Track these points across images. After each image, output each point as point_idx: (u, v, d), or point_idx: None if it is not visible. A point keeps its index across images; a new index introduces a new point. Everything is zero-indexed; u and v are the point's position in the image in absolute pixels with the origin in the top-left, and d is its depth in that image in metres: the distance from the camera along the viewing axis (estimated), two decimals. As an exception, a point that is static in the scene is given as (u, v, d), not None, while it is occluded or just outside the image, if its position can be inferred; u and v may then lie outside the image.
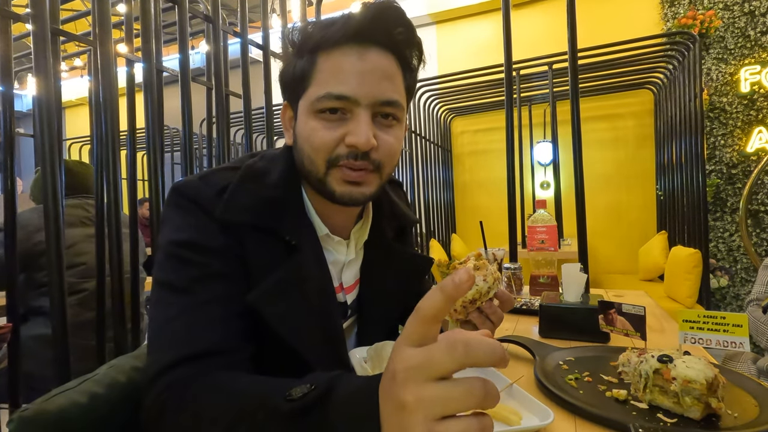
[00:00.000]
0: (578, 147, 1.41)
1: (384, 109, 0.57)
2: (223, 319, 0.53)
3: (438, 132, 4.36)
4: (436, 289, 0.30)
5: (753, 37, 3.42)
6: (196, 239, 0.55)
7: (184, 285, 0.53)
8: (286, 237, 0.59)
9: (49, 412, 0.49)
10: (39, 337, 1.47)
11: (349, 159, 0.56)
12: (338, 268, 0.68)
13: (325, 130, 0.57)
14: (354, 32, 0.55)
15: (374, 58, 0.56)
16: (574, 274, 0.95)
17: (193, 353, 0.49)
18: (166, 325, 0.52)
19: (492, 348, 0.30)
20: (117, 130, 1.31)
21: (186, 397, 0.46)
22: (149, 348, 0.53)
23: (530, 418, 0.53)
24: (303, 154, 0.60)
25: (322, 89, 0.56)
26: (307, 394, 0.38)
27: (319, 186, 0.60)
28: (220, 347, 0.51)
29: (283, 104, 0.65)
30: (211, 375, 0.48)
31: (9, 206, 1.15)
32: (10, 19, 1.16)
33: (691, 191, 2.95)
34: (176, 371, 0.48)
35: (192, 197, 0.57)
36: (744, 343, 0.61)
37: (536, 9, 4.20)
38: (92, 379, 0.57)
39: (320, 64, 0.57)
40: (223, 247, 0.56)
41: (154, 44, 1.41)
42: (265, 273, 0.56)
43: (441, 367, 0.29)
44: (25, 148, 6.00)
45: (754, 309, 1.61)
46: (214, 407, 0.44)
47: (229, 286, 0.55)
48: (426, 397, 0.29)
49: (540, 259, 1.26)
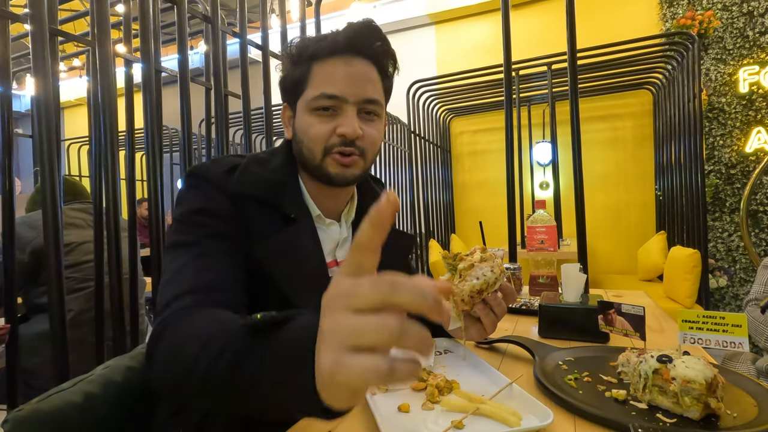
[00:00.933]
0: (577, 147, 1.41)
1: (367, 107, 0.71)
2: (227, 267, 0.62)
3: (437, 132, 4.36)
4: (365, 219, 0.31)
5: (752, 38, 3.42)
6: (206, 206, 0.66)
7: (192, 240, 0.63)
8: (286, 211, 0.70)
9: (44, 412, 0.49)
10: (42, 334, 1.48)
11: (341, 146, 0.69)
12: (333, 245, 0.77)
13: (320, 123, 0.70)
14: (342, 45, 0.69)
15: (358, 65, 0.70)
16: (574, 274, 0.95)
17: (196, 286, 0.58)
18: (176, 271, 0.61)
19: (421, 291, 0.28)
20: (116, 131, 1.31)
21: (183, 321, 0.53)
22: (161, 290, 0.60)
23: (530, 419, 0.53)
24: (302, 144, 0.72)
25: (317, 90, 0.69)
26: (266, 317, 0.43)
27: (316, 171, 0.72)
28: (220, 284, 0.60)
29: (283, 105, 0.78)
30: (206, 308, 0.55)
31: (7, 206, 1.15)
32: (9, 20, 1.16)
33: (690, 191, 2.95)
34: (180, 301, 0.56)
35: (203, 176, 0.69)
36: (743, 343, 0.61)
37: (536, 9, 4.20)
38: (87, 380, 0.57)
39: (315, 70, 0.70)
40: (229, 214, 0.66)
41: (153, 44, 1.41)
42: (264, 234, 0.66)
43: (362, 300, 0.29)
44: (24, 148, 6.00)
45: (753, 309, 1.61)
46: (199, 329, 0.50)
47: (233, 245, 0.65)
48: (339, 324, 0.30)
49: (539, 260, 1.25)
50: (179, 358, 0.49)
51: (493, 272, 0.64)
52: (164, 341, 0.53)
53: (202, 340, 0.48)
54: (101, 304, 1.36)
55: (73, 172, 5.72)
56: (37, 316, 1.59)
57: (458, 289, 0.63)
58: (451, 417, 0.54)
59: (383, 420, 0.53)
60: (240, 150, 4.98)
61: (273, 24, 3.48)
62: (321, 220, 0.76)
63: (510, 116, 1.59)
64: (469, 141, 4.65)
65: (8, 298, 1.16)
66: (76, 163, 5.69)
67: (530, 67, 3.44)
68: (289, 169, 0.75)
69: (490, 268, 0.64)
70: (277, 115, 3.91)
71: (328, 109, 0.69)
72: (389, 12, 4.61)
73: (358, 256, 0.31)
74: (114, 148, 1.30)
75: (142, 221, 4.12)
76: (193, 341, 0.49)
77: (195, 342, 0.49)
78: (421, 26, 4.69)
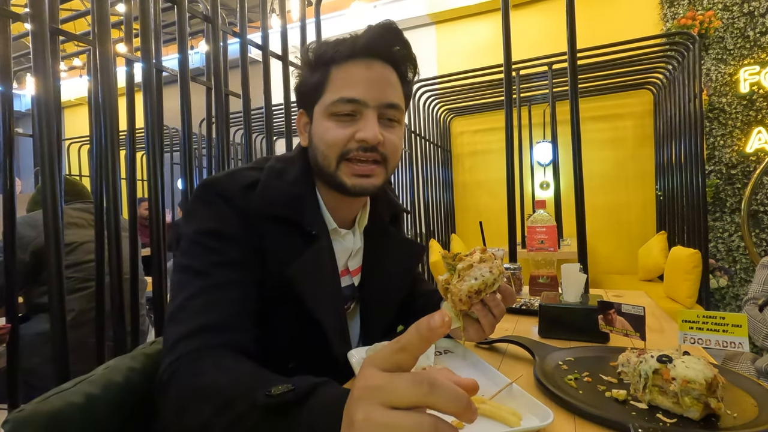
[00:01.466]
0: (578, 147, 1.41)
1: (388, 112, 0.68)
2: (237, 300, 0.60)
3: (437, 132, 4.36)
4: (413, 328, 0.31)
5: (752, 38, 3.42)
6: (218, 228, 0.63)
7: (204, 268, 0.60)
8: (307, 228, 0.68)
9: (45, 413, 0.49)
10: (42, 334, 1.48)
11: (359, 152, 0.66)
12: (346, 256, 0.77)
13: (338, 128, 0.67)
14: (362, 48, 0.67)
15: (379, 68, 0.67)
16: (574, 274, 0.95)
17: (206, 324, 0.56)
18: (185, 302, 0.58)
19: (457, 396, 0.29)
20: (116, 130, 1.31)
21: (191, 371, 0.52)
22: (168, 323, 0.59)
23: (530, 419, 0.53)
24: (317, 151, 0.69)
25: (336, 95, 0.66)
26: (285, 393, 0.42)
27: (330, 180, 0.69)
28: (231, 323, 0.58)
29: (299, 112, 0.75)
30: (218, 353, 0.54)
31: (8, 206, 1.15)
32: (9, 19, 1.16)
33: (691, 191, 2.95)
34: (190, 341, 0.54)
35: (218, 191, 0.65)
36: (743, 343, 0.61)
37: (536, 9, 4.20)
38: (88, 380, 0.57)
39: (333, 74, 0.67)
40: (243, 236, 0.63)
41: (154, 44, 1.41)
42: (289, 254, 0.65)
43: (399, 396, 0.29)
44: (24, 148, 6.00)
45: (751, 308, 1.61)
46: (210, 388, 0.49)
47: (245, 273, 0.63)
48: (373, 420, 0.29)
49: (539, 260, 1.25)
50: (189, 415, 0.49)
51: (492, 273, 0.64)
52: (172, 392, 0.52)
53: (216, 401, 0.47)
54: (102, 304, 1.36)
55: (73, 172, 5.72)
56: (37, 316, 1.59)
57: (456, 288, 0.63)
58: (450, 417, 0.54)
59: None
60: (240, 150, 4.99)
61: (273, 24, 3.48)
62: (336, 232, 0.75)
63: (510, 116, 1.59)
64: (470, 141, 4.65)
65: (9, 298, 1.16)
66: (77, 162, 5.70)
67: (530, 67, 3.44)
68: (307, 180, 0.73)
69: (488, 268, 0.64)
70: (278, 115, 3.92)
71: (348, 114, 0.66)
72: (389, 12, 4.61)
73: (399, 357, 0.31)
74: (114, 148, 1.30)
75: (142, 221, 4.12)
76: (204, 400, 0.48)
77: (207, 402, 0.48)
78: (422, 26, 4.68)
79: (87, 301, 1.58)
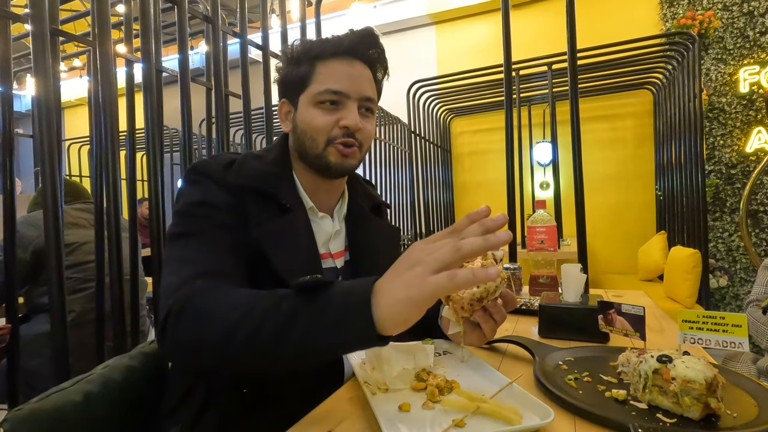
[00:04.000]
0: (578, 147, 1.41)
1: (366, 104, 0.78)
2: (228, 252, 0.66)
3: (437, 132, 4.36)
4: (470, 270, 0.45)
5: (752, 38, 3.42)
6: (205, 198, 0.69)
7: (196, 230, 0.66)
8: (281, 200, 0.74)
9: (44, 411, 0.49)
10: (43, 334, 1.48)
11: (343, 137, 0.75)
12: (325, 238, 0.81)
13: (323, 115, 0.75)
14: (346, 47, 0.76)
15: (359, 67, 0.77)
16: (574, 274, 0.95)
17: (207, 270, 0.61)
18: (181, 256, 0.64)
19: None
20: (116, 131, 1.31)
21: (208, 297, 0.56)
22: (166, 277, 0.62)
23: (531, 417, 0.53)
24: (304, 135, 0.77)
25: (322, 86, 0.75)
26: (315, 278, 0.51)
27: (316, 160, 0.77)
28: (228, 270, 0.63)
29: (281, 101, 0.83)
30: (226, 285, 0.59)
31: (8, 206, 1.15)
32: (9, 20, 1.16)
33: (691, 191, 2.95)
34: (195, 282, 0.58)
35: (202, 171, 0.72)
36: (743, 343, 0.61)
37: (536, 9, 4.20)
38: (87, 379, 0.57)
39: (319, 68, 0.76)
40: (228, 205, 0.69)
41: (154, 44, 1.41)
42: (263, 223, 0.70)
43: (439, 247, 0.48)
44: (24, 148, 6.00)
45: (754, 310, 1.60)
46: (234, 300, 0.54)
47: (234, 235, 0.68)
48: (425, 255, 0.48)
49: (539, 260, 1.26)
50: (213, 327, 0.52)
51: (494, 280, 0.64)
52: (188, 313, 0.54)
53: (240, 309, 0.52)
54: (102, 304, 1.36)
55: (73, 172, 5.72)
56: (38, 316, 1.59)
57: (458, 296, 0.63)
58: (451, 416, 0.54)
59: (385, 419, 0.53)
60: (240, 150, 4.99)
61: (273, 24, 3.48)
62: (314, 212, 0.80)
63: (510, 116, 1.59)
64: (470, 141, 4.65)
65: (9, 298, 1.16)
66: (77, 163, 5.69)
67: (530, 67, 3.44)
68: (284, 162, 0.80)
69: None
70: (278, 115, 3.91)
71: (332, 103, 0.75)
72: (389, 12, 4.61)
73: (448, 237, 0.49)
74: (115, 148, 1.30)
75: (142, 221, 4.12)
76: (228, 310, 0.52)
77: (231, 311, 0.52)
78: (421, 26, 4.68)
79: (87, 302, 1.58)
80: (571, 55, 1.40)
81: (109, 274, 1.29)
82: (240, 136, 5.05)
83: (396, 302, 0.46)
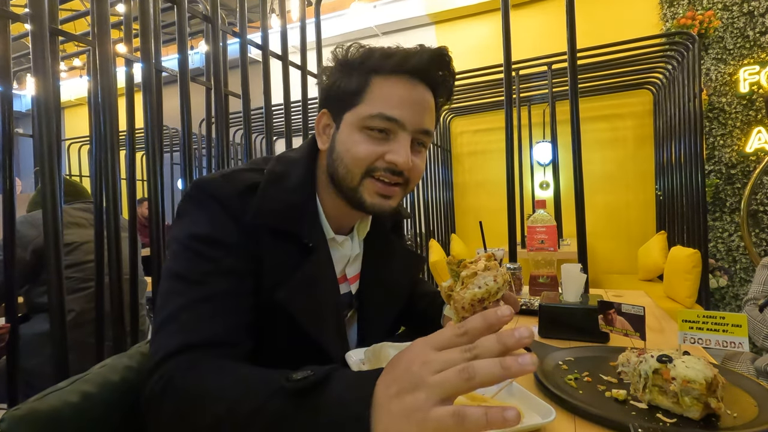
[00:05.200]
0: (578, 147, 1.41)
1: (421, 137, 0.67)
2: (230, 313, 0.57)
3: (437, 132, 4.36)
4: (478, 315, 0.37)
5: (752, 38, 3.42)
6: (212, 234, 0.60)
7: (196, 277, 0.57)
8: (304, 240, 0.65)
9: (41, 411, 0.49)
10: (42, 334, 1.48)
11: (386, 173, 0.65)
12: (344, 263, 0.75)
13: (368, 144, 0.64)
14: (411, 66, 0.64)
15: (421, 91, 0.66)
16: (574, 274, 0.95)
17: (199, 341, 0.53)
18: (175, 313, 0.55)
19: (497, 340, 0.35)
20: (116, 130, 1.31)
21: (190, 378, 0.49)
22: (155, 334, 0.55)
23: (532, 416, 0.53)
24: (340, 162, 0.66)
25: (375, 109, 0.63)
26: (308, 377, 0.43)
27: (350, 194, 0.67)
28: (224, 338, 0.55)
29: (321, 111, 0.71)
30: (216, 361, 0.52)
31: (8, 207, 1.14)
32: (9, 19, 1.16)
33: (691, 191, 2.95)
34: (182, 356, 0.52)
35: (212, 193, 0.62)
36: (743, 343, 0.61)
37: (535, 9, 4.20)
38: (84, 379, 0.57)
39: (374, 85, 0.64)
40: (238, 244, 0.60)
41: (153, 44, 1.41)
42: (283, 271, 0.62)
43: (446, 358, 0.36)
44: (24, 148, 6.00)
45: (751, 308, 1.61)
46: (218, 387, 0.48)
47: (239, 283, 0.60)
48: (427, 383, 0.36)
49: (539, 259, 1.25)
50: (196, 417, 0.47)
51: (496, 282, 0.64)
52: (172, 396, 0.49)
53: (225, 400, 0.46)
54: (101, 304, 1.36)
55: (73, 172, 5.72)
56: (37, 315, 1.59)
57: (459, 296, 0.64)
58: None
59: None
60: (240, 150, 4.98)
61: (273, 24, 3.48)
62: (334, 242, 0.73)
63: (510, 116, 1.59)
64: (470, 141, 4.65)
65: (9, 298, 1.16)
66: (77, 163, 5.69)
67: (530, 67, 3.44)
68: (309, 187, 0.70)
69: (493, 277, 0.64)
70: (277, 115, 3.92)
71: (382, 131, 0.64)
72: (389, 12, 4.61)
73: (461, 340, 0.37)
74: (114, 148, 1.30)
75: (142, 221, 4.12)
76: (214, 400, 0.46)
77: (217, 401, 0.46)
78: (421, 26, 4.68)
79: (87, 302, 1.58)
80: (571, 55, 1.39)
81: (109, 273, 1.29)
82: (240, 135, 5.05)
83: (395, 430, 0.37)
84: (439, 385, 0.35)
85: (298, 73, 1.98)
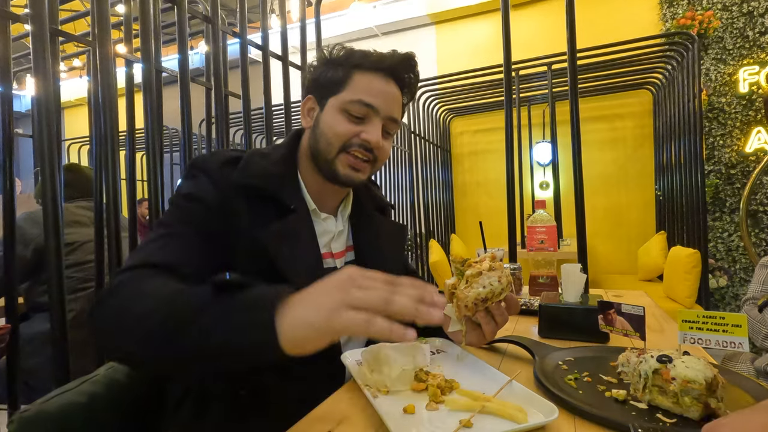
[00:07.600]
0: (577, 147, 1.41)
1: (389, 124, 0.79)
2: (190, 248, 0.65)
3: (437, 132, 4.36)
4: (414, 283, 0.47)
5: (751, 38, 3.42)
6: (193, 192, 0.70)
7: (167, 221, 0.68)
8: (286, 202, 0.73)
9: (49, 412, 0.49)
10: (42, 333, 1.48)
11: (360, 149, 0.76)
12: (327, 238, 0.81)
13: (348, 123, 0.76)
14: (386, 66, 0.78)
15: (393, 87, 0.79)
16: (574, 274, 0.95)
17: (155, 261, 0.60)
18: (142, 244, 0.65)
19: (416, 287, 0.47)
20: (116, 131, 1.31)
21: (135, 283, 0.56)
22: (129, 256, 0.65)
23: (535, 414, 0.53)
24: (322, 136, 0.77)
25: (356, 96, 0.75)
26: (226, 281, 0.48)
27: (326, 165, 0.77)
28: (178, 265, 0.62)
29: (307, 97, 0.83)
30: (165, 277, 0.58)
31: (8, 207, 1.14)
32: (9, 20, 1.16)
33: (690, 191, 2.95)
34: (135, 270, 0.59)
35: (200, 166, 0.73)
36: (743, 343, 0.61)
37: (535, 9, 4.20)
38: (91, 380, 0.58)
39: (356, 77, 0.77)
40: (216, 203, 0.69)
41: (154, 44, 1.41)
42: (264, 225, 0.69)
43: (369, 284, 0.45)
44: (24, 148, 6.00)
45: (751, 307, 1.61)
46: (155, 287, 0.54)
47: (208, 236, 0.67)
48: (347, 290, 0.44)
49: (539, 260, 1.26)
50: (134, 309, 0.52)
51: (500, 283, 0.64)
52: (114, 296, 0.55)
53: (162, 296, 0.51)
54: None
55: (73, 172, 5.71)
56: (38, 315, 1.59)
57: (463, 294, 0.64)
58: (456, 416, 0.54)
59: (394, 424, 0.52)
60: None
61: (273, 24, 3.48)
62: (316, 214, 0.80)
63: (510, 116, 1.59)
64: (469, 141, 4.65)
65: (9, 298, 1.16)
66: (77, 163, 5.70)
67: (530, 67, 3.44)
68: (290, 162, 0.80)
69: (497, 278, 0.65)
70: (277, 115, 3.92)
71: (360, 116, 0.76)
72: (389, 12, 4.61)
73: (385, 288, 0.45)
74: (114, 148, 1.30)
75: (142, 221, 4.12)
76: (145, 300, 0.52)
77: (154, 298, 0.51)
78: (421, 26, 4.69)
79: (87, 301, 1.58)
80: (570, 55, 1.40)
81: (109, 273, 1.29)
82: (240, 136, 5.05)
83: (300, 321, 0.43)
84: (358, 297, 0.43)
85: (298, 74, 1.98)
